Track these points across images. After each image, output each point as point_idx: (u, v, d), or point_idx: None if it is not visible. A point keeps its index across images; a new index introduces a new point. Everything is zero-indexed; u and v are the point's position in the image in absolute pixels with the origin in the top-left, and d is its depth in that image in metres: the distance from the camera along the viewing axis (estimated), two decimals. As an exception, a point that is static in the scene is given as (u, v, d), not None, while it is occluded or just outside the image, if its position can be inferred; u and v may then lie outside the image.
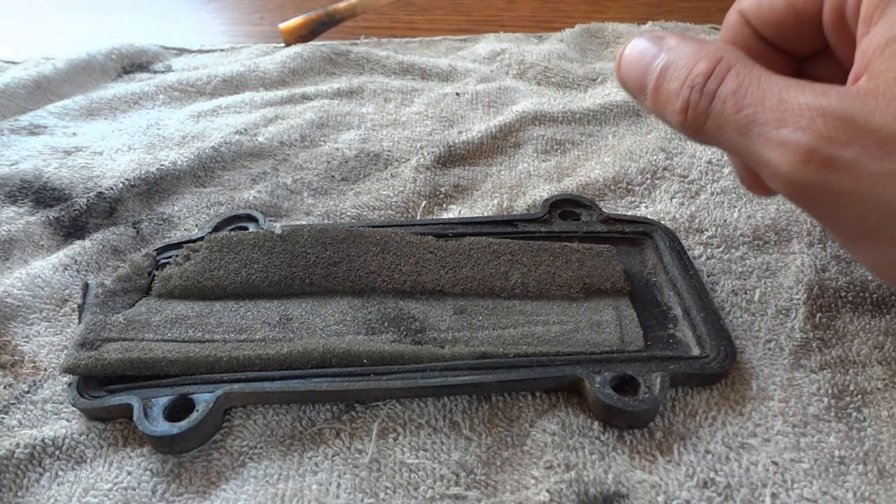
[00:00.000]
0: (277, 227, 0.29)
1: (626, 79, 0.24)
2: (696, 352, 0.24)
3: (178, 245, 0.29)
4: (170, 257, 0.28)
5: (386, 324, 0.25)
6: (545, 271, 0.27)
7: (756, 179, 0.26)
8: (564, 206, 0.31)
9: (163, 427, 0.21)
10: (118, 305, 0.26)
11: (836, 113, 0.18)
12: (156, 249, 0.29)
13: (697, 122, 0.21)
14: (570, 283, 0.27)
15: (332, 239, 0.28)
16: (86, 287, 0.26)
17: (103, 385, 0.23)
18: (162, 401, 0.22)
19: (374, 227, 0.29)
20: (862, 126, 0.18)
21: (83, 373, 0.23)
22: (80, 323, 0.25)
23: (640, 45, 0.23)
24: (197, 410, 0.22)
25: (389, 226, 0.30)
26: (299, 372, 0.23)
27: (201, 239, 0.29)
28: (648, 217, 0.32)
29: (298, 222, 0.33)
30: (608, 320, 0.25)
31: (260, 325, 0.25)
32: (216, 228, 0.30)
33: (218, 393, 0.22)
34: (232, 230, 0.30)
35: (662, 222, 0.31)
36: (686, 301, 0.26)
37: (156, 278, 0.27)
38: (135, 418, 0.22)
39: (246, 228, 0.30)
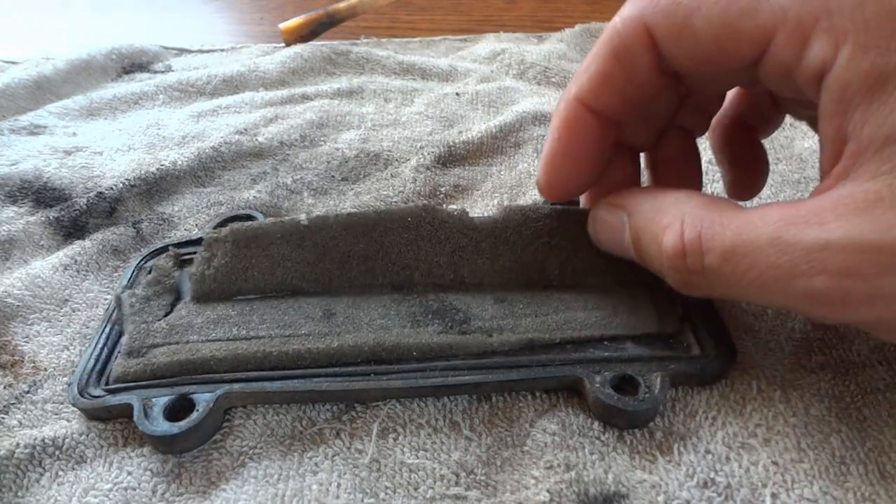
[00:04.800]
0: (303, 216, 0.27)
1: (609, 251, 0.25)
2: (696, 352, 0.24)
3: (197, 242, 0.29)
4: (187, 253, 0.28)
5: (430, 316, 0.25)
6: (582, 259, 0.26)
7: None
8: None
9: (163, 427, 0.21)
10: (154, 309, 0.26)
11: (855, 245, 0.17)
12: (172, 245, 0.29)
13: (694, 286, 0.21)
14: (605, 272, 0.26)
15: (361, 227, 0.26)
16: (119, 300, 0.26)
17: (104, 385, 0.23)
18: (162, 401, 0.22)
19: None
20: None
21: (133, 379, 0.23)
22: (123, 334, 0.25)
23: (604, 222, 0.24)
24: (197, 410, 0.22)
25: None
26: (300, 372, 0.23)
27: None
28: None
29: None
30: (644, 304, 0.25)
31: (304, 321, 0.25)
32: (217, 226, 0.30)
33: (218, 393, 0.22)
34: None
35: None
36: (686, 301, 0.26)
37: (189, 279, 0.27)
38: (135, 418, 0.22)
39: None
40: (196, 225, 0.33)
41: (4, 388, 0.24)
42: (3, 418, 0.23)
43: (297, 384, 0.23)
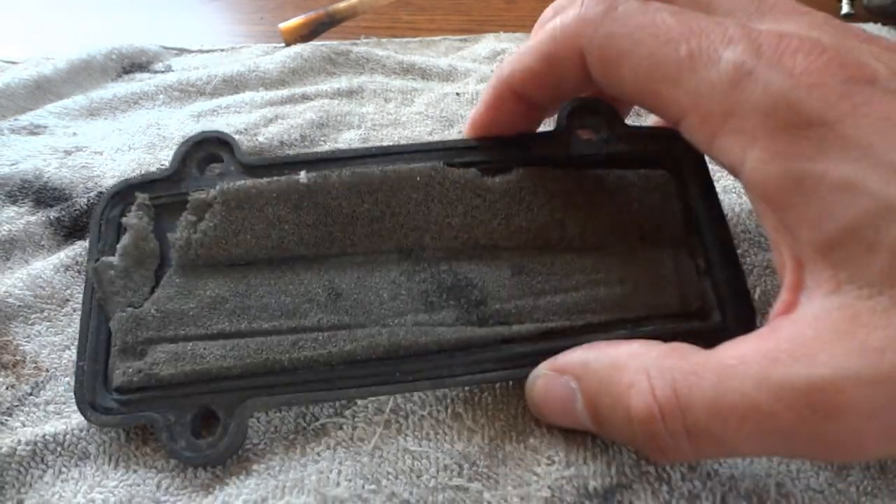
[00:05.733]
0: (302, 174, 0.25)
1: (558, 424, 0.22)
2: (716, 318, 0.23)
3: (162, 180, 0.26)
4: (156, 196, 0.25)
5: (444, 295, 0.23)
6: (603, 216, 0.25)
7: None
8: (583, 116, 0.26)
9: (193, 448, 0.21)
10: (138, 284, 0.24)
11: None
12: (134, 187, 0.26)
13: (674, 452, 0.18)
14: (627, 230, 0.25)
15: (367, 187, 0.24)
16: (96, 273, 0.24)
17: (113, 394, 0.22)
18: (185, 417, 0.21)
19: (404, 153, 0.26)
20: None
21: (139, 389, 0.22)
22: (111, 318, 0.23)
23: (546, 391, 0.21)
24: (224, 427, 0.21)
25: (412, 150, 0.26)
26: (322, 374, 0.22)
27: (175, 174, 0.26)
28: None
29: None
30: (667, 275, 0.24)
31: (308, 305, 0.23)
32: (185, 156, 0.26)
33: (245, 407, 0.22)
34: (205, 158, 0.26)
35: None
36: (710, 252, 0.24)
37: (172, 245, 0.24)
38: (164, 440, 0.21)
39: (219, 156, 0.26)
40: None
41: (7, 388, 0.24)
42: (6, 420, 0.23)
43: (324, 394, 0.22)
